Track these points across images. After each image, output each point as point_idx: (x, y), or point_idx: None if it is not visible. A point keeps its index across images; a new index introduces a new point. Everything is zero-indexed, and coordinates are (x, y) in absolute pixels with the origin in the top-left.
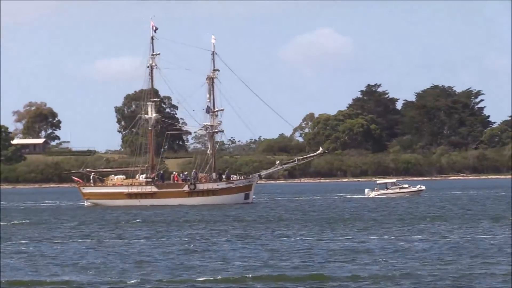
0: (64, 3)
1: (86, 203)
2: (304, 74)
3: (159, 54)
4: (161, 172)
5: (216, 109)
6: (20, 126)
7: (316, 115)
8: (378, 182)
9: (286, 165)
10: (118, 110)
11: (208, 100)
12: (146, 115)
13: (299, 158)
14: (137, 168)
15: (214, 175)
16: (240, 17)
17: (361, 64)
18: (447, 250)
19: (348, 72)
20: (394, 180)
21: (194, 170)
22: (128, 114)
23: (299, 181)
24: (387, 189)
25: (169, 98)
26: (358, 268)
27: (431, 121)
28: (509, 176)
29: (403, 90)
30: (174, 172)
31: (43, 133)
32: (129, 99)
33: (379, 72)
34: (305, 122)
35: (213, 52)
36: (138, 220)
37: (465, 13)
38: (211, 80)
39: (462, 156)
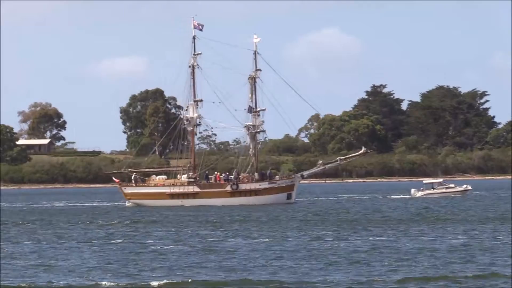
0: (68, 4)
1: (128, 203)
2: (310, 74)
3: (200, 53)
4: (207, 172)
5: (258, 109)
6: (25, 126)
7: (322, 116)
8: (424, 182)
9: (329, 165)
10: (123, 110)
11: (250, 100)
12: (187, 115)
13: (341, 158)
14: (179, 168)
15: (256, 175)
16: (243, 16)
17: (366, 65)
18: None
19: (354, 73)
20: (440, 180)
21: (236, 170)
22: (133, 115)
23: (307, 181)
24: (433, 189)
25: (174, 98)
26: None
27: (437, 122)
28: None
29: (408, 91)
30: (216, 172)
31: (48, 133)
32: (134, 99)
33: (385, 73)
34: (310, 122)
35: (255, 51)
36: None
37: (471, 14)
38: (253, 79)
39: (467, 156)
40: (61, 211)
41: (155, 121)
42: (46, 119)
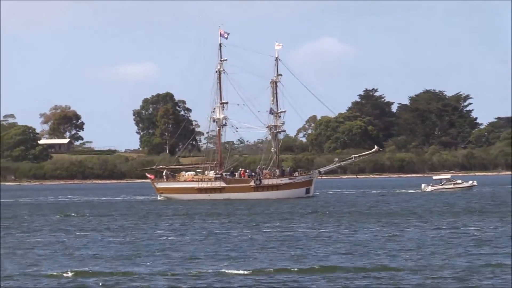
0: (87, 12)
1: (159, 197)
2: (309, 78)
3: (226, 59)
4: (232, 168)
5: (279, 111)
6: (46, 127)
7: (318, 118)
8: (434, 178)
9: (344, 162)
10: (136, 113)
11: (272, 103)
12: (214, 116)
13: (355, 155)
14: (207, 165)
15: (277, 171)
16: (246, 26)
17: (360, 70)
18: None
19: (348, 78)
20: (448, 176)
21: (259, 166)
22: (145, 116)
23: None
24: (442, 184)
25: (183, 102)
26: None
27: (424, 123)
28: (495, 173)
29: (398, 94)
30: (240, 169)
31: (67, 133)
32: (146, 102)
33: (376, 78)
34: (308, 123)
35: (277, 58)
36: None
37: (456, 22)
38: (274, 83)
39: (452, 155)
40: (112, 204)
41: (165, 123)
42: (66, 120)
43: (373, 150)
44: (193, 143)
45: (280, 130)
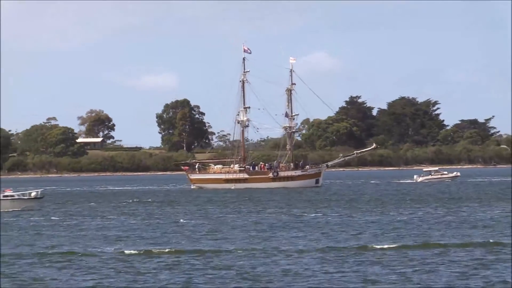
0: (113, 29)
1: (193, 187)
2: (303, 87)
3: (249, 71)
4: (253, 162)
5: (293, 114)
6: (83, 128)
7: (311, 120)
8: (424, 170)
9: (347, 157)
10: (158, 116)
11: (287, 107)
12: (239, 118)
13: (357, 152)
14: (232, 159)
15: (292, 165)
16: (239, 42)
17: (345, 80)
18: None
19: (336, 86)
20: (436, 168)
21: (277, 160)
22: (166, 119)
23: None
24: (431, 175)
25: (198, 106)
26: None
27: (399, 125)
28: (459, 166)
29: (378, 101)
30: (260, 162)
31: (101, 133)
32: (167, 107)
33: (360, 86)
34: (302, 125)
35: (291, 70)
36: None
37: (425, 38)
38: (289, 91)
39: (423, 151)
40: (161, 192)
41: (183, 124)
42: (99, 122)
43: (372, 147)
44: (206, 141)
45: (294, 130)
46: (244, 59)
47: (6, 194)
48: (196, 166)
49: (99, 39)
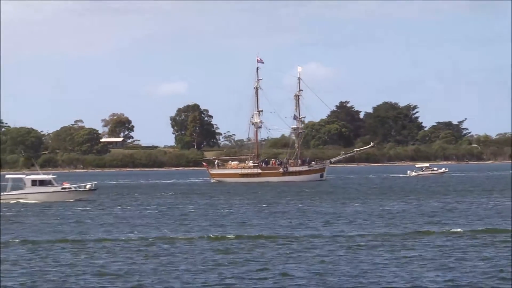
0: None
1: (212, 180)
2: (307, 92)
3: (261, 79)
4: (266, 159)
5: (300, 117)
6: (106, 129)
7: (306, 122)
8: (416, 166)
9: (348, 154)
10: (172, 118)
11: (295, 111)
12: (253, 120)
13: (356, 150)
14: (247, 156)
15: (299, 161)
16: (244, 54)
17: (336, 87)
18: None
19: (328, 92)
20: (427, 164)
21: (286, 157)
22: (179, 121)
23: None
24: (422, 170)
25: (207, 110)
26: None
27: (383, 126)
28: (436, 162)
29: (364, 105)
30: (272, 159)
31: (122, 134)
32: (180, 111)
33: (349, 93)
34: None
35: (299, 78)
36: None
37: (405, 51)
38: (297, 97)
39: (404, 149)
40: (195, 185)
41: (193, 126)
42: (120, 124)
43: (370, 145)
44: (214, 140)
45: (301, 131)
46: (257, 68)
47: (64, 186)
48: (216, 162)
49: (122, 50)
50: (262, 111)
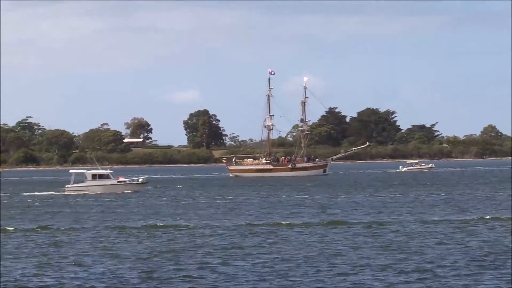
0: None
1: (231, 175)
2: (294, 102)
3: (273, 88)
4: (276, 157)
5: (306, 120)
6: (128, 131)
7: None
8: (407, 162)
9: (347, 152)
10: (185, 122)
11: (302, 115)
12: (265, 123)
13: (355, 148)
14: (261, 154)
15: (305, 158)
16: (246, 66)
17: (326, 95)
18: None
19: (319, 100)
20: (416, 161)
21: (294, 155)
22: (191, 124)
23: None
24: (412, 166)
25: (215, 115)
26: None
27: (366, 129)
28: (412, 161)
29: (350, 110)
30: (282, 157)
31: (142, 135)
32: (192, 115)
33: (337, 100)
34: (293, 128)
35: (305, 87)
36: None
37: (386, 63)
38: (303, 103)
39: (384, 148)
40: (212, 179)
41: (203, 128)
42: (141, 127)
43: (366, 145)
44: (221, 141)
45: (307, 132)
46: (269, 79)
47: (120, 180)
48: (233, 160)
49: (144, 64)
50: (273, 115)
